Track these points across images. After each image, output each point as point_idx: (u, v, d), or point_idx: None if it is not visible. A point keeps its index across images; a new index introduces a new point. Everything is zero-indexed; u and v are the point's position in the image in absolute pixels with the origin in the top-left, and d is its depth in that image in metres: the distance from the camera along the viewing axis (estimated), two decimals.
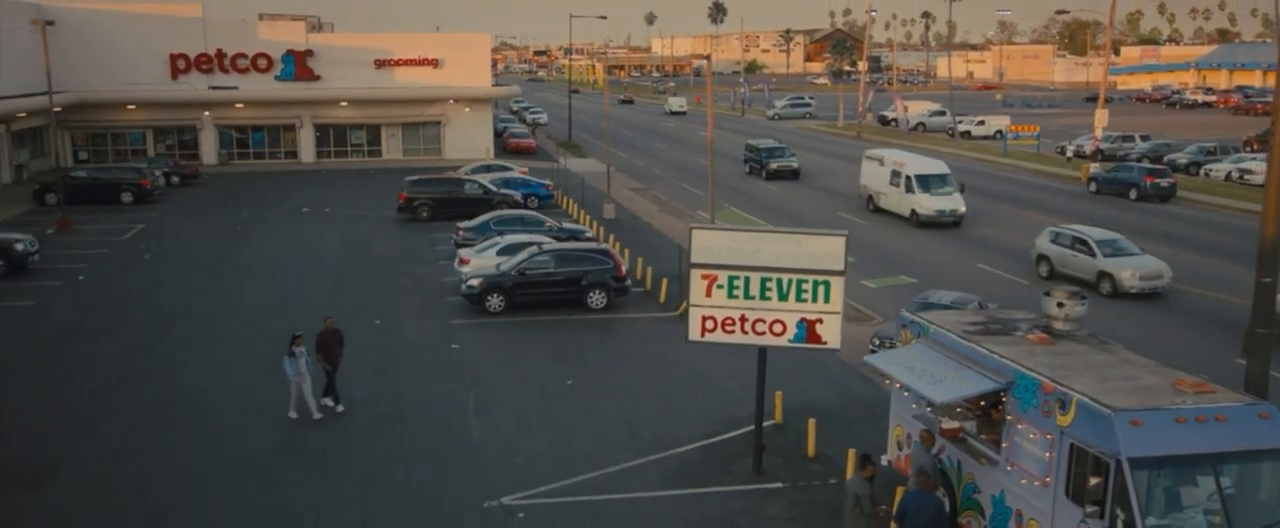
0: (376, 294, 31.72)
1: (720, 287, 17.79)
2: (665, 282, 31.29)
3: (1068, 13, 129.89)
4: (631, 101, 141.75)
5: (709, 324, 17.96)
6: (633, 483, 18.20)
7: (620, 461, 19.08)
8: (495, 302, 29.19)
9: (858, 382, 23.64)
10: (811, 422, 19.59)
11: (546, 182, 49.83)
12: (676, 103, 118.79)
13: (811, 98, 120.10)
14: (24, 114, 54.93)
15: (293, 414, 21.06)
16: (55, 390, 22.85)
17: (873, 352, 23.08)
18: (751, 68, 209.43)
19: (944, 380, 15.26)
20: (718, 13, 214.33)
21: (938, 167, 45.55)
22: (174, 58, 62.59)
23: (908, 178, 44.21)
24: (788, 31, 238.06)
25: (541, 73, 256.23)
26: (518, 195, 45.55)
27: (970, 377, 15.09)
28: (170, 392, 22.91)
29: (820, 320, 17.65)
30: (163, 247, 38.97)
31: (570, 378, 23.84)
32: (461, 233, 36.66)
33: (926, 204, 43.29)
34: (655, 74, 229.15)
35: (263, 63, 63.59)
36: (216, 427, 20.77)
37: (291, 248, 38.92)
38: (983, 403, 15.79)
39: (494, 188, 45.52)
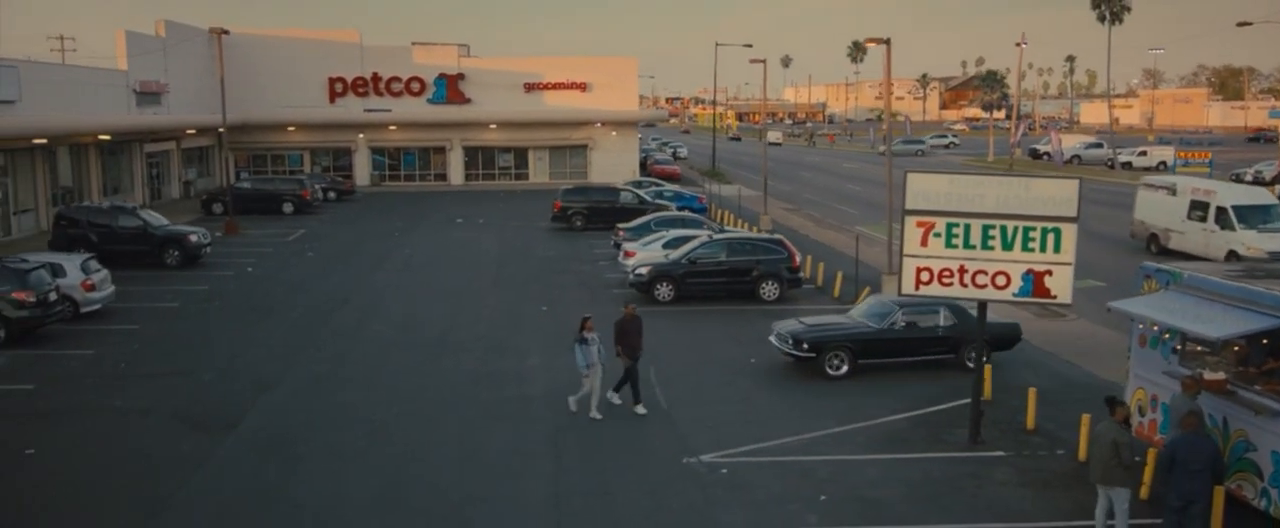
0: (540, 287, 31.15)
1: (937, 235, 16.43)
2: (840, 275, 29.92)
3: (1248, 24, 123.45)
4: (739, 139, 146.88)
5: (924, 276, 16.59)
6: (836, 447, 16.89)
7: (818, 428, 17.78)
8: (664, 291, 28.24)
9: (1061, 365, 21.96)
10: (1032, 391, 18.01)
11: (700, 195, 49.00)
12: (773, 136, 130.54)
13: (955, 136, 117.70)
14: (193, 132, 56.87)
15: (573, 407, 18.38)
16: (236, 356, 22.80)
17: None
18: (881, 116, 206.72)
19: (1214, 320, 13.59)
20: (857, 52, 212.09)
21: (1262, 196, 35.76)
22: (332, 81, 64.19)
23: (1220, 210, 33.97)
24: (924, 77, 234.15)
25: (674, 121, 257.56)
26: (673, 206, 44.78)
27: (1245, 316, 13.39)
28: (344, 359, 22.59)
29: (1049, 272, 16.13)
30: (325, 247, 39.36)
31: (753, 357, 22.67)
32: (621, 233, 35.98)
33: (1255, 243, 32.36)
34: (788, 121, 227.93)
35: (416, 86, 64.70)
36: (395, 386, 20.29)
37: (449, 250, 38.85)
38: (1265, 342, 13.90)
39: (649, 198, 44.85)
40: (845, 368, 20.53)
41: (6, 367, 21.56)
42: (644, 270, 28.64)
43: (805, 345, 20.52)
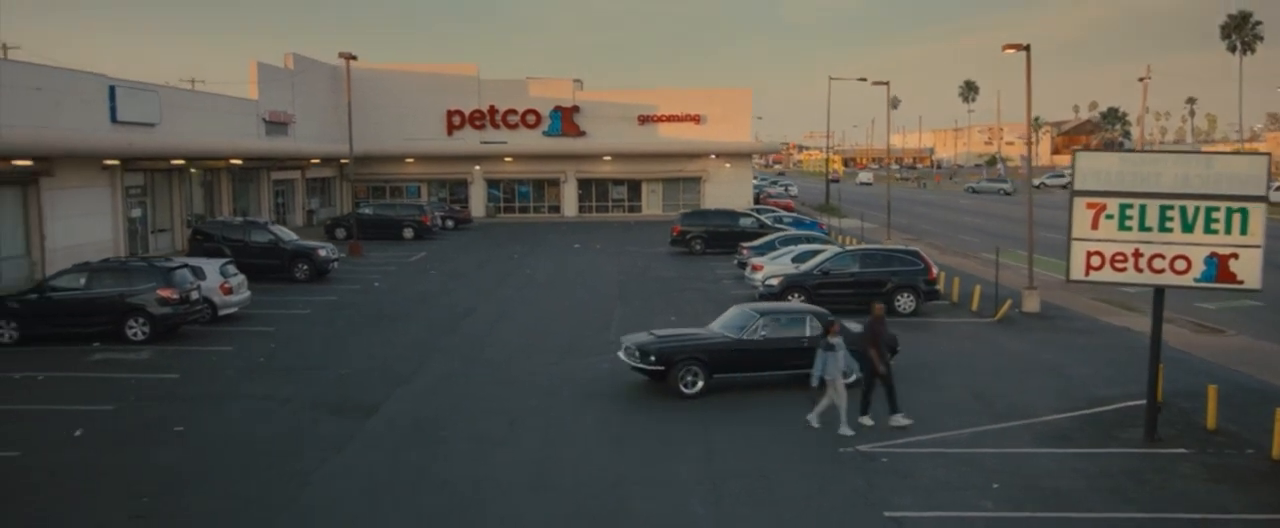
0: (664, 302, 30.68)
1: (1109, 217, 15.58)
2: (978, 288, 28.85)
3: None
4: (838, 181, 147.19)
5: (1095, 260, 15.71)
6: (1001, 442, 15.96)
7: (978, 424, 16.88)
8: (796, 302, 27.48)
9: (1231, 373, 20.57)
10: (1212, 389, 16.81)
11: (820, 221, 48.18)
12: (866, 176, 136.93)
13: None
14: (317, 161, 58.21)
15: (815, 423, 16.46)
16: (369, 354, 22.78)
17: None
18: (992, 161, 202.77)
19: None
20: (970, 91, 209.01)
21: None
22: (450, 114, 65.25)
23: None
24: (1036, 120, 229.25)
25: (777, 166, 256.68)
26: (793, 231, 44.00)
27: None
28: (475, 359, 22.41)
29: (1234, 255, 15.16)
30: (447, 268, 39.59)
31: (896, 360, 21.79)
32: (745, 251, 35.40)
33: None
34: (894, 165, 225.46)
35: (531, 119, 65.35)
36: (531, 382, 19.98)
37: (569, 271, 38.71)
38: None
39: (769, 222, 44.21)
40: (700, 384, 18.09)
41: (152, 359, 21.87)
42: (774, 281, 27.99)
43: (653, 358, 18.14)
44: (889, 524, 12.56)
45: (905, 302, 27.39)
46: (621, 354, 18.98)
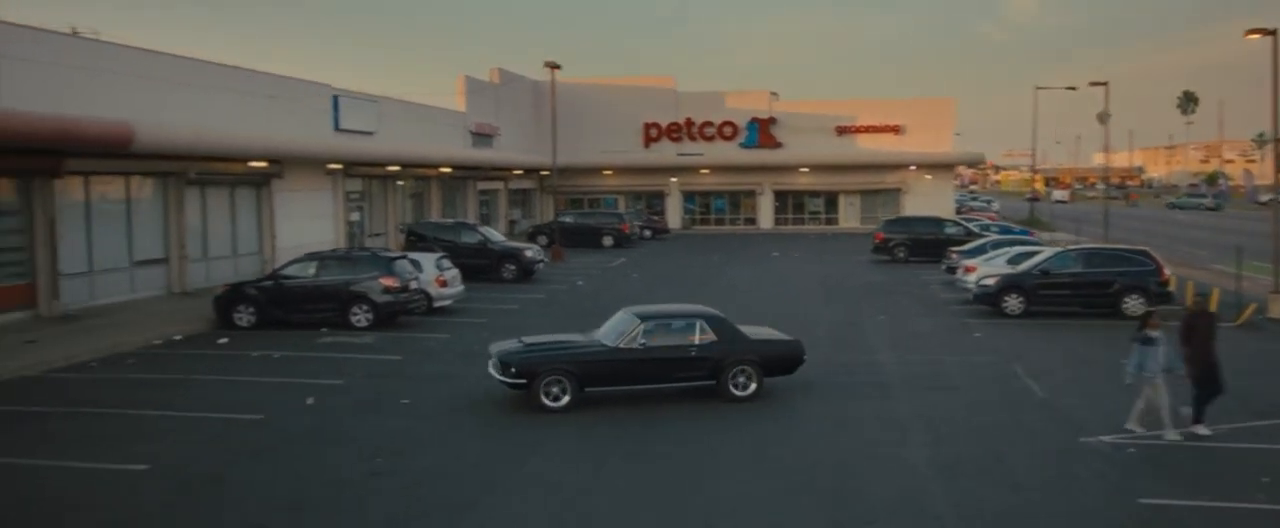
0: (871, 304, 29.88)
1: None
2: (1216, 291, 26.88)
3: None
4: (1038, 199, 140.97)
5: None
6: (1265, 438, 14.67)
7: (1235, 420, 15.53)
8: (1013, 303, 26.27)
9: None
10: None
11: (1031, 231, 46.19)
12: (1061, 194, 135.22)
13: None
14: (520, 172, 59.80)
15: (1134, 427, 14.68)
16: None
17: None
18: (1212, 178, 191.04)
19: None
20: (1188, 102, 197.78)
21: None
22: (647, 126, 65.95)
23: None
24: (1260, 136, 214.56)
25: (974, 186, 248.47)
26: (1003, 237, 42.31)
27: None
28: None
29: None
30: (648, 272, 39.84)
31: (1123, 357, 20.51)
32: (954, 255, 34.19)
33: None
34: (1101, 184, 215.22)
35: (728, 130, 65.35)
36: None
37: (771, 275, 38.31)
38: None
39: (976, 229, 42.65)
40: (566, 398, 16.09)
41: (375, 343, 22.69)
42: (990, 281, 26.85)
43: (513, 370, 16.13)
44: (1146, 511, 11.63)
45: (1134, 304, 25.72)
46: (490, 365, 16.87)
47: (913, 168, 64.50)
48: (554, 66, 45.65)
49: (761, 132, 65.08)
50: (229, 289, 25.32)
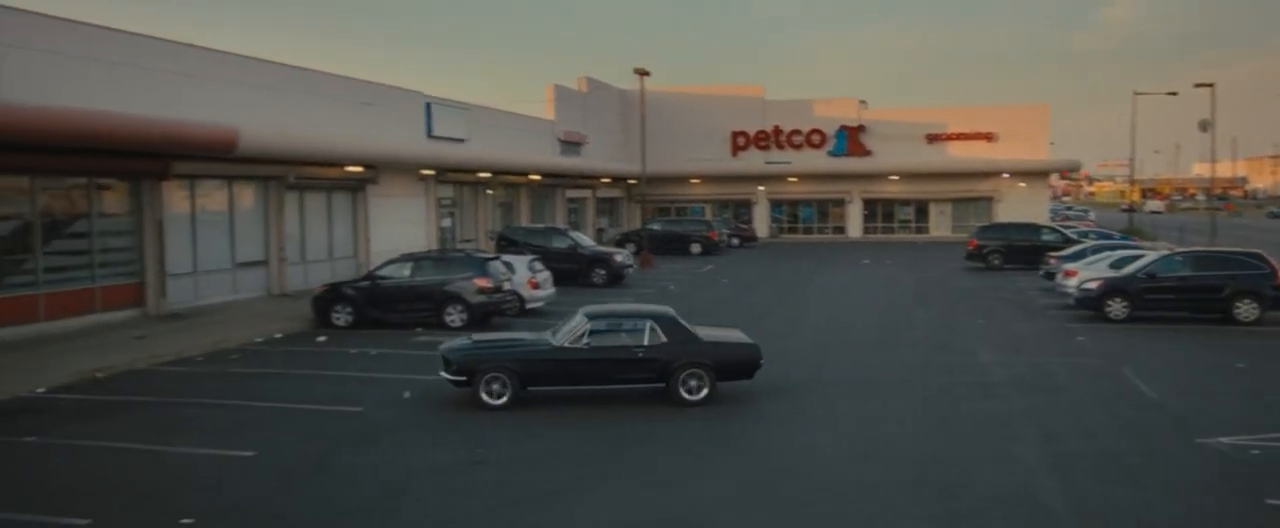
0: (967, 308, 29.28)
1: None
2: None
3: None
4: (1134, 209, 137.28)
5: None
6: None
7: None
8: (1117, 307, 25.50)
9: None
10: None
11: (1133, 237, 44.93)
12: (1155, 205, 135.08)
13: None
14: (607, 181, 60.02)
15: None
16: None
17: None
18: None
19: None
20: None
21: None
22: (734, 135, 65.75)
23: None
24: None
25: (1066, 198, 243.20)
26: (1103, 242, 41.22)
27: None
28: (783, 351, 21.95)
29: None
30: (737, 278, 39.65)
31: (1240, 361, 19.82)
32: (1053, 260, 33.37)
33: None
34: (1199, 196, 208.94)
35: (816, 138, 64.82)
36: (842, 368, 19.44)
37: (862, 282, 37.81)
38: None
39: (1074, 236, 41.61)
40: (506, 396, 15.97)
41: None
42: (1093, 285, 26.11)
43: (454, 367, 16.18)
44: (1277, 512, 11.13)
45: (1247, 309, 24.81)
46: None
47: (1005, 176, 63.22)
48: (643, 73, 45.68)
49: (850, 139, 64.42)
50: (327, 289, 25.78)
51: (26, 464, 13.17)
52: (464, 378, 16.15)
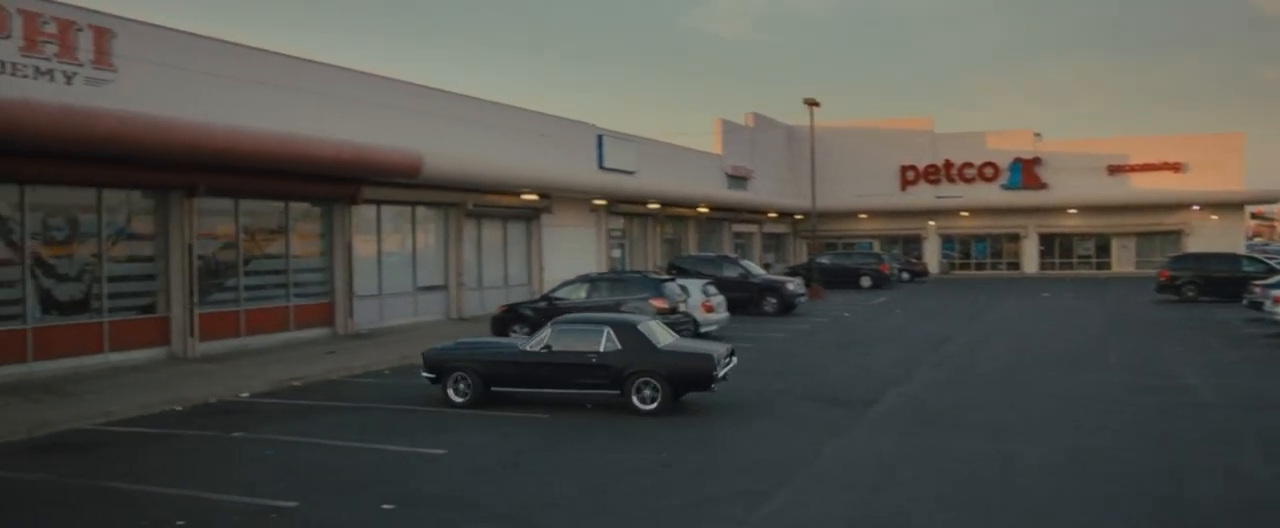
0: (1165, 336, 27.69)
1: None
2: None
3: None
4: None
5: None
6: None
7: None
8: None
9: None
10: None
11: None
12: None
13: None
14: (774, 216, 59.67)
15: None
16: (856, 365, 22.50)
17: None
18: None
19: None
20: None
21: None
22: (903, 169, 64.58)
23: None
24: None
25: (1259, 239, 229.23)
26: None
27: None
28: (969, 372, 21.28)
29: None
30: (911, 309, 38.66)
31: None
32: (1259, 289, 31.27)
33: None
34: None
35: (989, 172, 63.07)
36: (1036, 389, 18.58)
37: (1045, 312, 36.32)
38: None
39: (1278, 267, 39.01)
40: (469, 395, 16.70)
41: None
42: None
43: (426, 365, 17.25)
44: None
45: None
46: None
47: (1196, 208, 60.03)
48: (813, 104, 45.38)
49: (1025, 172, 62.40)
50: (506, 310, 26.26)
51: (237, 455, 13.74)
52: (433, 375, 17.17)
